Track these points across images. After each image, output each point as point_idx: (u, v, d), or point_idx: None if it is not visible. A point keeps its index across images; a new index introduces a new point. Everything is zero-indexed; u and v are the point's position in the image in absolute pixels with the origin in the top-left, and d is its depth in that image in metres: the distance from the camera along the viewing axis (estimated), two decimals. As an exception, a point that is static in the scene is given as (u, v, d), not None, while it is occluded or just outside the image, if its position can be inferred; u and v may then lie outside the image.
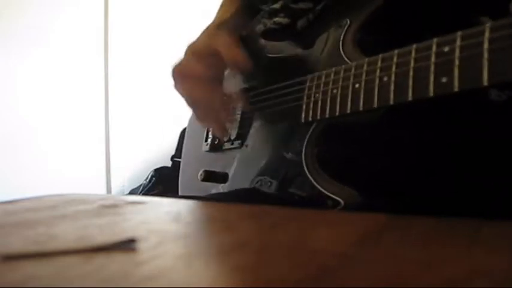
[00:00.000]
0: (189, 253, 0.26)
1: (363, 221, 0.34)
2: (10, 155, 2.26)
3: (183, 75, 0.61)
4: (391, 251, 0.25)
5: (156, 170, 2.04)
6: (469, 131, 0.49)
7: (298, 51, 0.62)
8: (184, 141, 0.85)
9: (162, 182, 1.98)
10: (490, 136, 0.48)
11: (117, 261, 0.24)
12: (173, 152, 1.97)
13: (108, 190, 2.41)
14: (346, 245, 0.27)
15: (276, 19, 0.60)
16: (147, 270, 0.21)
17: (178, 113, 0.66)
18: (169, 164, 2.02)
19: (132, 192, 2.12)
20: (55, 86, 2.38)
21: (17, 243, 0.28)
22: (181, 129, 1.62)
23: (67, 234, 0.30)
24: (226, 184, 0.67)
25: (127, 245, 0.26)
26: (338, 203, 0.48)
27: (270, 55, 0.67)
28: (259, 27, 0.63)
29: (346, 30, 0.54)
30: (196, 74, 0.60)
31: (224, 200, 0.60)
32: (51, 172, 2.27)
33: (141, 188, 2.04)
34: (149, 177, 2.04)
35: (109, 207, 0.42)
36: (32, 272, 0.22)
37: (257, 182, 0.59)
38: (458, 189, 0.48)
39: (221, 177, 0.67)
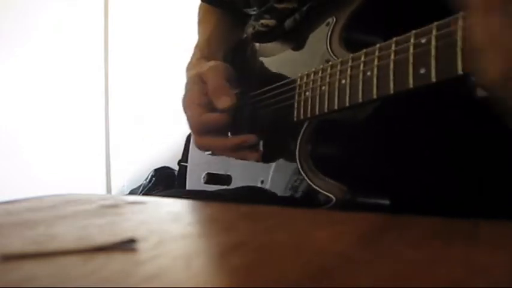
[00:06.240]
0: (189, 253, 0.26)
1: (363, 221, 0.34)
2: (10, 155, 2.26)
3: (187, 106, 0.63)
4: (391, 251, 0.25)
5: (156, 170, 2.04)
6: (463, 128, 0.49)
7: (289, 51, 0.63)
8: (190, 145, 0.85)
9: (162, 182, 1.98)
10: (485, 134, 0.48)
11: (117, 261, 0.24)
12: (173, 152, 1.96)
13: (108, 190, 2.41)
14: (346, 245, 0.27)
15: (263, 21, 0.62)
16: (147, 270, 0.21)
17: (178, 112, 0.66)
18: (169, 164, 2.01)
19: (132, 192, 2.11)
20: (55, 85, 2.38)
21: (17, 243, 0.28)
22: (181, 129, 1.62)
23: (67, 234, 0.30)
24: (230, 186, 0.67)
25: (127, 245, 0.26)
26: (330, 199, 0.48)
27: (262, 58, 0.68)
28: (249, 31, 0.64)
29: (332, 28, 0.54)
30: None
31: (228, 197, 0.61)
32: (51, 172, 2.27)
33: (141, 188, 2.04)
34: (149, 177, 2.04)
35: (109, 207, 0.42)
36: (32, 272, 0.22)
37: (261, 182, 0.60)
38: (450, 188, 0.48)
39: (224, 180, 0.68)
